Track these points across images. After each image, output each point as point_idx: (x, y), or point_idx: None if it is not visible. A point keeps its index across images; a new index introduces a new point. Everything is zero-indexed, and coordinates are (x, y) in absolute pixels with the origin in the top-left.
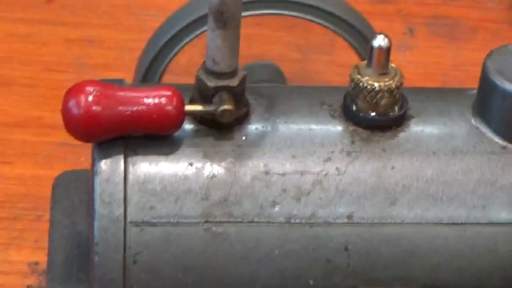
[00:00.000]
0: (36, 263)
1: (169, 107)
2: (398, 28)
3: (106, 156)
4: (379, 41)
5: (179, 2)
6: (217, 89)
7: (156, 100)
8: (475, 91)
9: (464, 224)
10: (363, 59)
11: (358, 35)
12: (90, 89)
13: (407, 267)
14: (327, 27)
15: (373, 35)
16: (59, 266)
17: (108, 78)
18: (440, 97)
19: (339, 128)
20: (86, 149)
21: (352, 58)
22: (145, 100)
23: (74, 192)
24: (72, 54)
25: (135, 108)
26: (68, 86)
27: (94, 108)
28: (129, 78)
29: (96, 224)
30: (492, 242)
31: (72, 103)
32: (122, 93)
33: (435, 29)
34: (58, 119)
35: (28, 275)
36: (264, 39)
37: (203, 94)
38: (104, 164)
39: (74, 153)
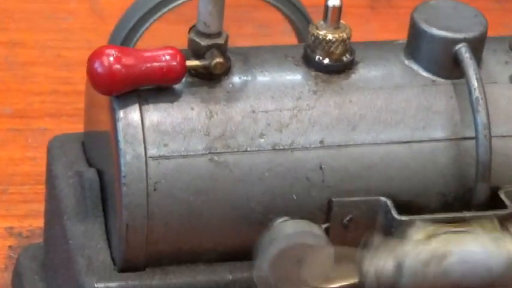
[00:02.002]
0: (11, 228)
1: (174, 63)
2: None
3: (124, 106)
4: (333, 1)
5: (87, 6)
6: (209, 47)
7: (164, 57)
8: (401, 41)
9: (410, 142)
10: (300, 37)
11: (300, 14)
12: (111, 51)
13: (368, 180)
14: (277, 7)
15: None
16: (73, 208)
17: (36, 73)
18: (376, 47)
19: (304, 74)
20: (31, 133)
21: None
22: (156, 58)
23: (69, 151)
24: (1, 55)
25: (148, 65)
26: (3, 81)
27: (115, 66)
28: (53, 71)
29: (123, 160)
30: (433, 155)
31: (97, 64)
32: (136, 53)
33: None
34: (1, 109)
35: (7, 237)
36: (165, 33)
37: (196, 52)
38: (123, 112)
39: (21, 136)
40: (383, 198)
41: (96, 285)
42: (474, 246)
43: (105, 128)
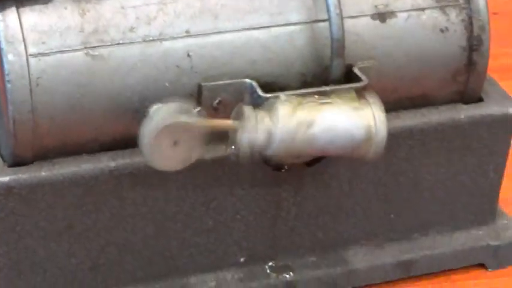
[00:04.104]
0: None
1: None
2: None
3: (2, 10)
4: None
5: None
6: None
7: None
8: None
9: (269, 27)
10: None
11: None
12: None
13: (232, 65)
14: None
15: None
16: None
17: None
18: None
19: None
20: None
21: None
22: None
23: None
24: None
25: None
26: None
27: None
28: None
29: (5, 59)
30: (290, 38)
31: None
32: None
33: None
34: None
35: None
36: None
37: None
38: (1, 15)
39: None
40: (248, 80)
41: None
42: (337, 115)
43: None
